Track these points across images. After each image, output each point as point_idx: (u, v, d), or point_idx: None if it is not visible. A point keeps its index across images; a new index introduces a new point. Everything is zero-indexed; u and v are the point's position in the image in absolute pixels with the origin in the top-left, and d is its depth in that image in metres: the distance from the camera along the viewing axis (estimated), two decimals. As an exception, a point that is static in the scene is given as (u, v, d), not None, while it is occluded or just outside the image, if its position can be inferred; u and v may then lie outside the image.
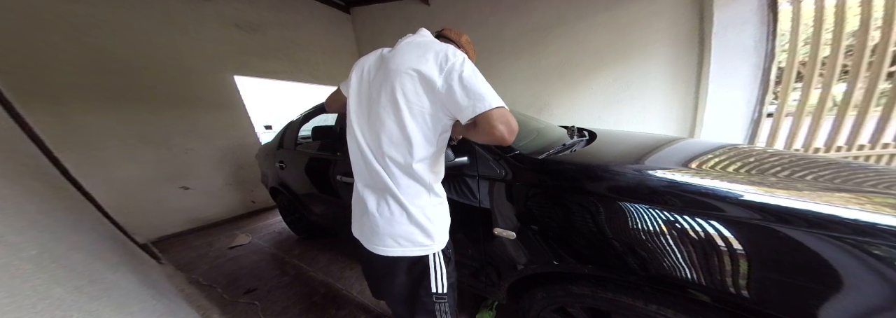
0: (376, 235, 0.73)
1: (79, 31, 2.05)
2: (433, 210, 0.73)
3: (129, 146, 2.34)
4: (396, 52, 0.69)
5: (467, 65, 0.62)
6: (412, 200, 0.70)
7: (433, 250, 0.73)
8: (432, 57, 0.63)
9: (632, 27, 2.49)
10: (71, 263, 0.73)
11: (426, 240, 0.71)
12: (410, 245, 0.71)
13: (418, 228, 0.70)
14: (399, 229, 0.70)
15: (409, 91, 0.64)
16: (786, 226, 0.52)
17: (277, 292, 1.66)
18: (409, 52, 0.67)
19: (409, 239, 0.71)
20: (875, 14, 1.88)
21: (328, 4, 3.81)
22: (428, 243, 0.72)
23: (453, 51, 0.64)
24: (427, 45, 0.67)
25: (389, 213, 0.71)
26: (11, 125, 1.38)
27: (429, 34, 0.78)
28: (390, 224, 0.71)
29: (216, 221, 2.90)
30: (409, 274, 0.75)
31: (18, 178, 0.97)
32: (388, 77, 0.66)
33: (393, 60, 0.67)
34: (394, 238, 0.71)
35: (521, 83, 3.21)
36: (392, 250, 0.72)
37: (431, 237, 0.72)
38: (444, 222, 0.77)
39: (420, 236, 0.71)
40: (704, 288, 0.58)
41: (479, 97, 0.59)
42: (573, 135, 1.31)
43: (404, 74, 0.64)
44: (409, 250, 0.71)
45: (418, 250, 0.72)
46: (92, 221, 1.46)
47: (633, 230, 0.65)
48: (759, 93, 2.18)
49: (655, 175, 0.73)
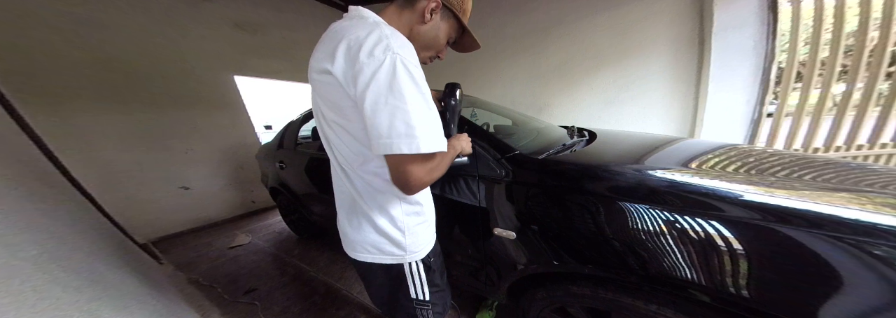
0: (348, 240, 0.68)
1: (79, 31, 2.05)
2: (405, 220, 0.62)
3: (128, 146, 2.34)
4: (316, 46, 0.52)
5: (381, 75, 0.40)
6: (379, 211, 0.61)
7: (407, 260, 0.65)
8: (342, 52, 0.44)
9: (632, 27, 2.49)
10: (71, 263, 0.73)
11: (397, 250, 0.63)
12: (379, 254, 0.64)
13: (386, 238, 0.62)
14: (367, 238, 0.63)
15: (329, 101, 0.50)
16: (786, 226, 0.52)
17: (277, 292, 1.66)
18: (321, 46, 0.49)
19: (378, 248, 0.64)
20: (874, 14, 1.88)
21: (328, 4, 3.81)
22: (399, 253, 0.64)
23: (373, 46, 0.42)
24: (342, 33, 0.46)
25: (357, 222, 0.64)
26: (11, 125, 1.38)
27: (361, 13, 0.53)
28: (358, 233, 0.64)
29: (216, 221, 2.90)
30: (387, 277, 0.69)
31: (18, 178, 0.96)
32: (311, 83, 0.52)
33: (310, 60, 0.52)
34: (363, 246, 0.65)
35: (522, 83, 3.21)
36: (363, 256, 0.66)
37: (403, 248, 0.63)
38: (422, 232, 0.67)
39: (389, 246, 0.63)
40: (704, 288, 0.58)
41: (377, 132, 0.42)
42: (573, 135, 1.31)
43: (315, 79, 0.50)
44: (379, 257, 0.65)
45: (389, 259, 0.65)
46: (92, 221, 1.46)
47: (633, 230, 0.65)
48: (759, 93, 2.18)
49: (655, 175, 0.73)
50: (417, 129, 0.42)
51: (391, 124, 0.41)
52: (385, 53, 0.41)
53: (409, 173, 0.45)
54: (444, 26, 0.58)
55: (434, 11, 0.55)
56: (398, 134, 0.41)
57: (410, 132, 0.42)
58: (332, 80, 0.45)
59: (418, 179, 0.46)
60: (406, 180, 0.46)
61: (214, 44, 2.76)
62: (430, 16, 0.55)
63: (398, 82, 0.41)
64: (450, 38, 0.62)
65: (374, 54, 0.41)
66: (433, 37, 0.58)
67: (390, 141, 0.42)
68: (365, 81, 0.41)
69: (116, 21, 2.21)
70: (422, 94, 0.44)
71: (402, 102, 0.41)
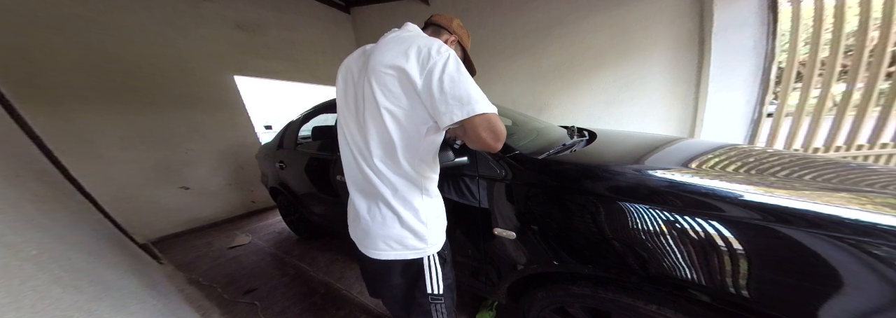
0: (369, 238, 0.72)
1: (79, 32, 2.05)
2: (427, 213, 0.70)
3: (128, 146, 2.34)
4: (377, 48, 0.64)
5: (451, 65, 0.55)
6: (404, 204, 0.68)
7: (427, 253, 0.71)
8: (414, 53, 0.57)
9: (632, 27, 2.49)
10: (71, 263, 0.73)
11: (419, 243, 0.69)
12: (403, 249, 0.69)
13: (410, 232, 0.68)
14: (391, 233, 0.69)
15: (388, 91, 0.59)
16: (786, 226, 0.52)
17: (277, 292, 1.66)
18: (390, 48, 0.61)
19: (401, 243, 0.69)
20: (874, 14, 1.88)
21: (328, 4, 3.81)
22: (421, 247, 0.70)
23: (438, 47, 0.57)
24: (410, 40, 0.60)
25: (381, 217, 0.69)
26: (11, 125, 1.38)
27: (415, 28, 0.71)
28: (382, 228, 0.69)
29: (216, 221, 2.90)
30: (404, 276, 0.73)
31: (18, 178, 0.96)
32: (368, 76, 0.61)
33: (373, 58, 0.62)
34: (386, 242, 0.69)
35: (522, 83, 3.21)
36: (385, 253, 0.70)
37: (425, 241, 0.70)
38: (440, 225, 0.74)
39: (413, 240, 0.69)
40: (704, 288, 0.58)
41: (459, 102, 0.54)
42: (573, 135, 1.31)
43: (383, 72, 0.59)
44: (402, 253, 0.70)
45: (412, 254, 0.70)
46: (92, 221, 1.46)
47: (633, 230, 0.65)
48: (759, 93, 2.18)
49: (655, 175, 0.73)
50: (483, 96, 0.56)
51: (469, 94, 0.54)
52: (447, 51, 0.57)
53: (494, 125, 0.55)
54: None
55: (451, 43, 0.76)
56: (477, 100, 0.54)
57: (482, 98, 0.55)
58: (402, 73, 0.57)
59: (502, 130, 0.57)
60: (493, 129, 0.55)
61: (214, 44, 2.76)
62: (448, 45, 0.71)
63: (461, 68, 0.57)
64: None
65: (441, 52, 0.57)
66: None
67: (473, 106, 0.53)
68: (440, 68, 0.55)
69: (116, 21, 2.21)
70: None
71: (465, 82, 0.55)
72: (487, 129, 0.55)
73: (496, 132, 0.55)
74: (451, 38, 0.76)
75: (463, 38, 0.79)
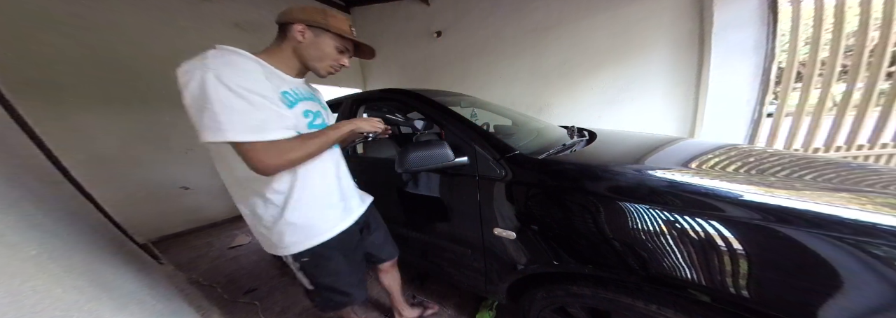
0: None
1: (79, 31, 2.05)
2: (270, 220, 0.72)
3: (128, 146, 2.34)
4: None
5: (192, 86, 0.53)
6: (247, 210, 0.74)
7: (282, 254, 0.77)
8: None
9: (632, 27, 2.49)
10: (71, 263, 0.73)
11: (270, 245, 0.77)
12: (268, 246, 0.79)
13: (259, 234, 0.78)
14: (255, 231, 0.79)
15: None
16: (786, 226, 0.52)
17: (277, 292, 1.66)
18: None
19: (261, 241, 0.80)
20: (874, 14, 1.88)
21: (328, 4, 3.81)
22: (276, 247, 0.76)
23: (184, 69, 0.55)
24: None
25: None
26: (11, 125, 1.38)
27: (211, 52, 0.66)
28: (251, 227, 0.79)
29: (216, 221, 2.90)
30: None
31: (18, 178, 0.97)
32: None
33: None
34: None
35: (522, 83, 3.21)
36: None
37: (274, 245, 0.76)
38: (288, 231, 0.73)
39: (266, 240, 0.77)
40: (704, 288, 0.58)
41: (197, 125, 0.54)
42: (573, 135, 1.31)
43: None
44: (268, 249, 0.80)
45: (271, 250, 0.78)
46: (92, 221, 1.46)
47: (633, 230, 0.64)
48: (759, 93, 2.18)
49: (655, 175, 0.73)
50: (220, 120, 0.54)
51: (200, 119, 0.55)
52: (187, 74, 0.55)
53: (256, 153, 0.59)
54: (323, 41, 0.71)
55: (303, 33, 0.69)
56: (208, 125, 0.55)
57: (215, 121, 0.54)
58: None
59: (262, 158, 0.59)
60: (252, 156, 0.59)
61: (214, 43, 2.75)
62: (303, 37, 0.70)
63: (202, 87, 0.53)
64: (340, 49, 0.74)
65: (186, 74, 0.55)
66: (317, 51, 0.72)
67: (203, 133, 0.56)
68: (182, 90, 0.55)
69: (116, 21, 2.21)
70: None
71: (203, 103, 0.53)
72: (243, 154, 0.58)
73: (252, 161, 0.58)
74: (297, 27, 0.69)
75: (316, 19, 0.69)
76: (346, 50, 0.76)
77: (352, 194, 0.90)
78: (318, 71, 0.76)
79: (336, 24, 0.71)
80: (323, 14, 0.70)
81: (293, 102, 0.70)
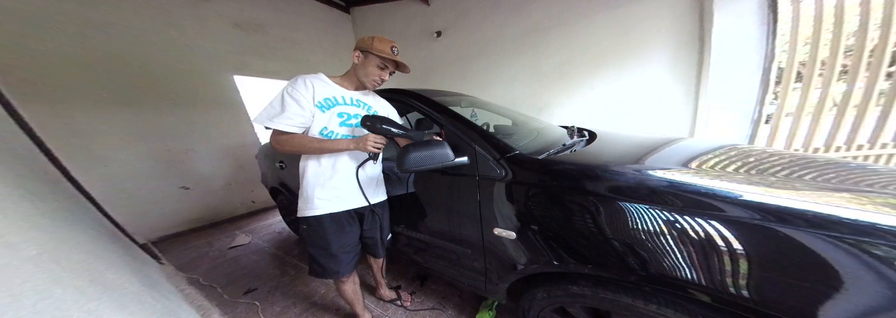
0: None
1: (79, 32, 2.05)
2: (300, 188, 1.02)
3: (129, 146, 2.34)
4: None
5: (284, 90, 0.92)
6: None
7: (298, 215, 1.02)
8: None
9: (632, 27, 2.49)
10: (71, 263, 0.73)
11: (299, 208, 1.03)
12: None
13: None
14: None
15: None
16: (785, 226, 0.52)
17: (277, 292, 1.66)
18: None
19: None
20: (874, 15, 1.88)
21: (328, 4, 3.81)
22: (299, 209, 1.02)
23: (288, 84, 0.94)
24: None
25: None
26: (11, 125, 1.38)
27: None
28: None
29: (216, 221, 2.90)
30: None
31: (18, 178, 0.97)
32: None
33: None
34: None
35: (522, 83, 3.21)
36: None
37: (298, 208, 1.03)
38: (302, 198, 1.02)
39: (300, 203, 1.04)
40: (704, 288, 0.58)
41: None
42: (573, 135, 1.31)
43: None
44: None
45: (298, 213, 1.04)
46: (92, 221, 1.46)
47: (633, 230, 0.65)
48: (759, 93, 2.18)
49: (655, 175, 0.73)
50: (269, 113, 0.93)
51: (262, 110, 0.95)
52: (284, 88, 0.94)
53: (275, 139, 0.97)
54: (369, 61, 0.94)
55: (358, 56, 0.96)
56: (264, 114, 0.94)
57: (268, 113, 0.93)
58: None
59: (277, 143, 0.97)
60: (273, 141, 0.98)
61: (214, 44, 2.76)
62: (357, 60, 0.96)
63: (283, 91, 0.94)
64: (381, 66, 0.94)
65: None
66: (364, 69, 0.95)
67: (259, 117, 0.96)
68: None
69: (116, 21, 2.21)
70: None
71: (272, 101, 0.94)
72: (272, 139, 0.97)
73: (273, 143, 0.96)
74: (354, 53, 0.95)
75: (365, 44, 0.92)
76: (386, 67, 0.95)
77: (350, 188, 1.00)
78: (366, 84, 0.98)
79: (378, 47, 0.90)
80: (370, 40, 0.92)
81: (329, 106, 0.95)
